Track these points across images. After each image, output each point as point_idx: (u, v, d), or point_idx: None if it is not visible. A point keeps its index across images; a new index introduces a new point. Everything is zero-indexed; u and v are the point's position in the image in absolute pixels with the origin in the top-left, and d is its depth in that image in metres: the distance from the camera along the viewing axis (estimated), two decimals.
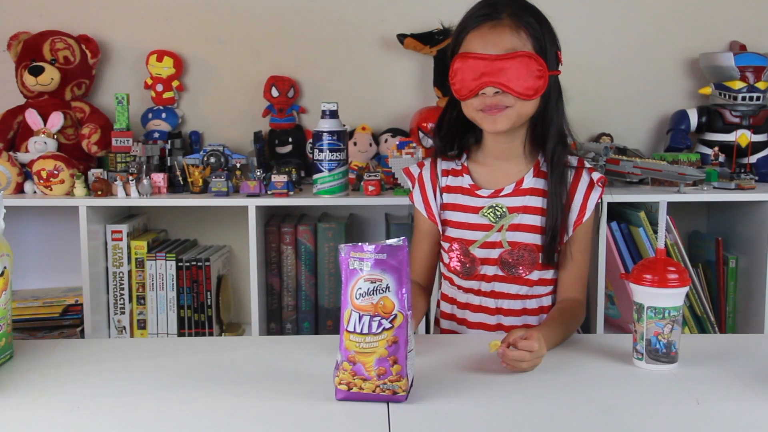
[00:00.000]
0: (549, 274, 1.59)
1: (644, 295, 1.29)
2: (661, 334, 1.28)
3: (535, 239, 1.56)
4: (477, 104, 1.50)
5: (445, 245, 1.62)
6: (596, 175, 1.58)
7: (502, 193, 1.58)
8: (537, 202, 1.57)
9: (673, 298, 1.28)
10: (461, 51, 1.51)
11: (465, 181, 1.61)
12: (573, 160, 1.60)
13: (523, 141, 1.58)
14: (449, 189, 1.62)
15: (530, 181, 1.58)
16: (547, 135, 1.56)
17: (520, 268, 1.57)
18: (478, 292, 1.60)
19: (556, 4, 1.60)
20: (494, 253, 1.57)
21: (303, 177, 2.43)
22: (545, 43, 1.52)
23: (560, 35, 1.57)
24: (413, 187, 1.66)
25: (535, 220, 1.56)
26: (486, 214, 1.57)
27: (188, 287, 2.36)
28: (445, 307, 1.67)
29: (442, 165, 1.64)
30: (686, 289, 1.30)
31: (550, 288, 1.60)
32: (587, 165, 1.60)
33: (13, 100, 2.47)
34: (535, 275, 1.58)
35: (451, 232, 1.60)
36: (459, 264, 1.60)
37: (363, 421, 1.10)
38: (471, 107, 1.52)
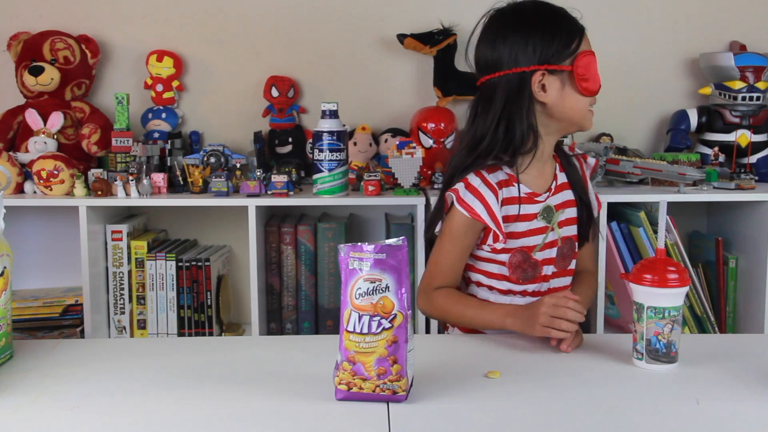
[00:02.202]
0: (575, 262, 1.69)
1: (644, 295, 1.29)
2: (661, 334, 1.28)
3: (574, 230, 1.65)
4: (592, 101, 1.58)
5: (502, 257, 1.59)
6: (591, 161, 1.73)
7: (552, 193, 1.62)
8: (570, 194, 1.65)
9: (673, 298, 1.28)
10: (586, 48, 1.58)
11: (522, 189, 1.59)
12: (565, 147, 1.72)
13: None
14: (508, 201, 1.59)
15: (561, 176, 1.65)
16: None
17: (569, 259, 1.64)
18: (536, 293, 1.62)
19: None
20: (553, 252, 1.62)
21: (303, 177, 2.43)
22: None
23: None
24: (476, 207, 1.55)
25: (573, 212, 1.65)
26: (544, 216, 1.61)
27: (188, 287, 2.36)
28: None
29: (491, 177, 1.58)
30: (686, 289, 1.30)
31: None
32: (578, 150, 1.74)
33: (13, 100, 2.47)
34: (573, 264, 1.66)
35: (513, 243, 1.59)
36: (520, 271, 1.60)
37: (363, 421, 1.10)
38: (586, 104, 1.57)
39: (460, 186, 1.56)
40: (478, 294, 1.65)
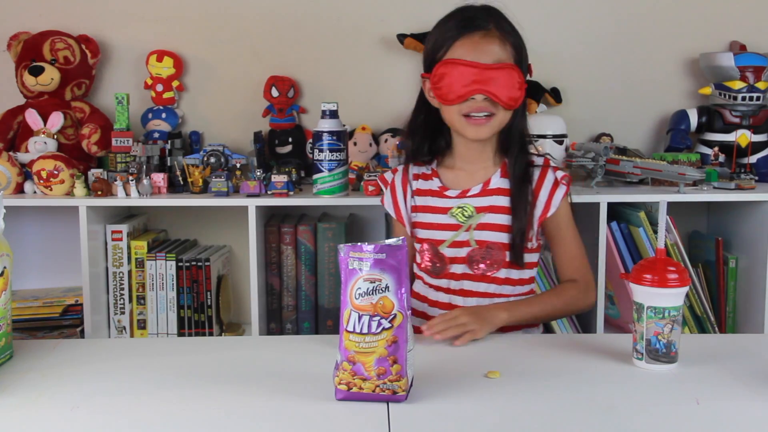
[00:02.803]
0: (515, 274, 1.64)
1: (644, 295, 1.29)
2: (661, 334, 1.28)
3: (502, 238, 1.62)
4: (464, 109, 1.56)
5: (417, 246, 1.69)
6: (560, 174, 1.65)
7: (469, 194, 1.64)
8: (504, 201, 1.62)
9: (673, 298, 1.28)
10: (448, 57, 1.56)
11: (434, 183, 1.68)
12: (539, 160, 1.68)
13: (494, 146, 1.66)
14: (420, 192, 1.69)
15: (497, 182, 1.64)
16: (511, 140, 1.64)
17: (488, 266, 1.61)
18: (447, 291, 1.66)
19: (556, 4, 1.60)
20: (462, 252, 1.62)
21: (303, 177, 2.43)
22: (522, 57, 1.60)
23: (560, 36, 1.60)
24: (384, 193, 1.75)
25: (502, 219, 1.62)
26: (454, 214, 1.63)
27: (188, 287, 2.36)
28: (417, 305, 1.71)
29: (413, 170, 1.71)
30: (686, 289, 1.30)
31: (520, 288, 1.66)
32: (552, 164, 1.68)
33: (13, 100, 2.47)
34: (503, 273, 1.63)
35: (421, 233, 1.67)
36: (430, 263, 1.66)
37: (363, 421, 1.10)
38: (454, 113, 1.57)
39: (388, 173, 1.76)
40: (415, 286, 1.74)
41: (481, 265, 1.62)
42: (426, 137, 1.69)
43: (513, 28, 1.60)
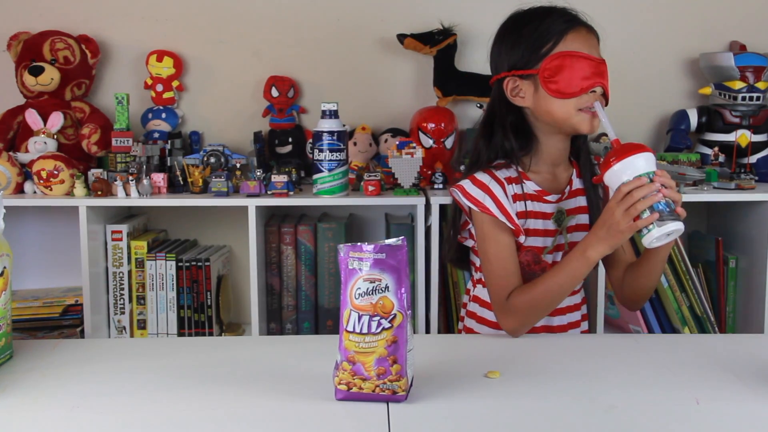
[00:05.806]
0: None
1: (621, 173, 1.34)
2: None
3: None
4: (583, 102, 1.50)
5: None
6: None
7: (564, 197, 1.60)
8: (584, 201, 1.62)
9: (645, 162, 1.34)
10: (564, 50, 1.50)
11: (529, 187, 1.57)
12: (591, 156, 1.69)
13: (570, 146, 1.63)
14: (516, 197, 1.57)
15: (577, 182, 1.63)
16: (578, 139, 1.63)
17: None
18: None
19: (555, 4, 1.60)
20: (559, 256, 1.59)
21: (303, 177, 2.43)
22: None
23: None
24: (484, 200, 1.53)
25: (585, 219, 1.62)
26: (555, 219, 1.59)
27: (188, 287, 2.36)
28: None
29: (499, 174, 1.57)
30: (652, 154, 1.35)
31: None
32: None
33: (13, 100, 2.47)
34: None
35: (527, 241, 1.56)
36: (528, 271, 1.57)
37: (363, 421, 1.10)
38: (572, 106, 1.50)
39: (466, 182, 1.55)
40: (481, 295, 1.63)
41: None
42: (517, 139, 1.57)
43: None
